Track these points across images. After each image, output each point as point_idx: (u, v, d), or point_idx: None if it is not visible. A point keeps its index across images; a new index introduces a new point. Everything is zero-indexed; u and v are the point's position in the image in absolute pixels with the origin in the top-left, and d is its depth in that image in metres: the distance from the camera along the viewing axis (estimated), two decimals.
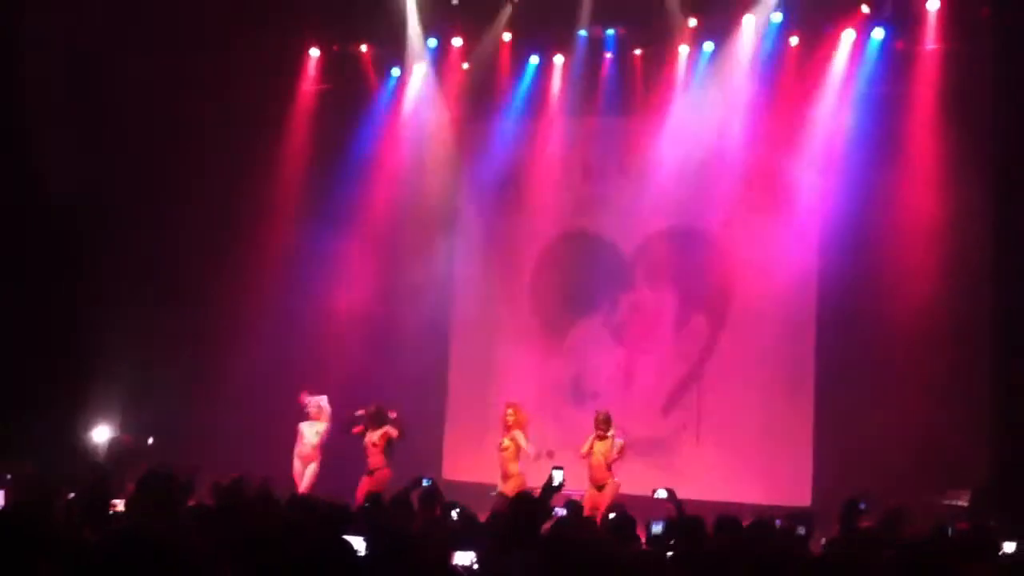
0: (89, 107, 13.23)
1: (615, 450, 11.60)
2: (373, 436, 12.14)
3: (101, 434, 13.53)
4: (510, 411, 12.05)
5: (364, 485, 11.88)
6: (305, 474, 12.42)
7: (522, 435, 11.81)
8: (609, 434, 11.65)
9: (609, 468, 11.54)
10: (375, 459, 12.10)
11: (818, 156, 13.46)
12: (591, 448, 11.67)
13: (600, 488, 11.45)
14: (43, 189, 12.79)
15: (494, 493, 11.00)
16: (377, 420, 12.14)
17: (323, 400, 12.56)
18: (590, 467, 11.61)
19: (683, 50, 14.11)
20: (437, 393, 14.84)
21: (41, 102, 12.71)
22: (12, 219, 12.74)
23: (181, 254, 14.09)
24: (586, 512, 9.86)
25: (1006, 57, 12.51)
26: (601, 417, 11.76)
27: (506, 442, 11.90)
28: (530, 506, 7.04)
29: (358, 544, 5.93)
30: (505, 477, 11.76)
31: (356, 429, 12.22)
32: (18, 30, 12.65)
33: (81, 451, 13.16)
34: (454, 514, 8.59)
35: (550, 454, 11.70)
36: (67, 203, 13.00)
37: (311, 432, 12.49)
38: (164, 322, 13.93)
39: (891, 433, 12.19)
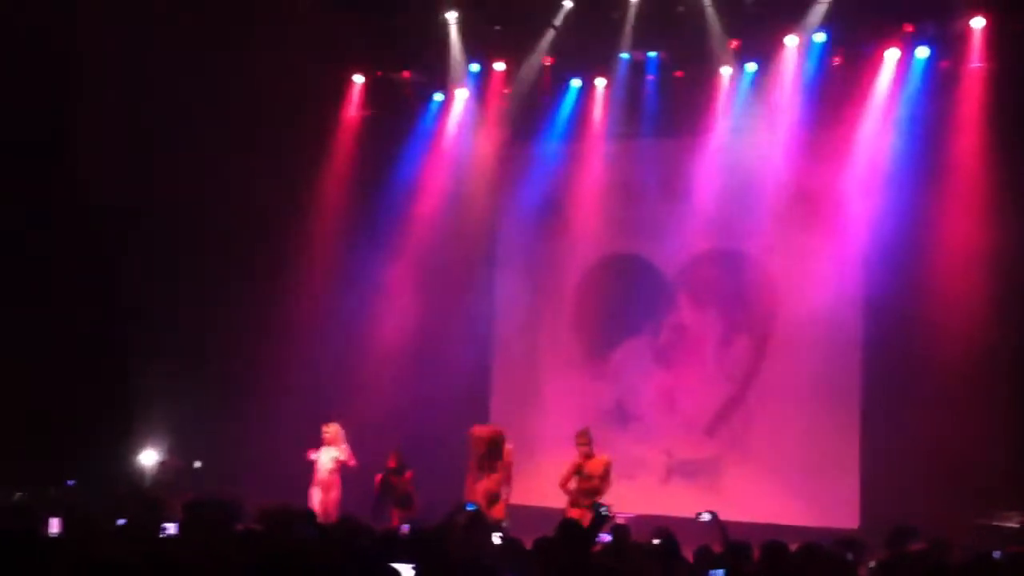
0: (134, 131, 13.37)
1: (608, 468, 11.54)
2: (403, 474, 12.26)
3: (148, 458, 13.65)
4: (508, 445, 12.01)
5: (396, 515, 11.95)
6: (327, 503, 12.33)
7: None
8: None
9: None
10: (404, 489, 12.23)
11: (863, 176, 13.39)
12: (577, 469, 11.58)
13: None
14: (89, 213, 12.97)
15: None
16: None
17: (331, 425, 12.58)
18: (580, 488, 11.47)
19: (725, 71, 14.08)
20: (479, 416, 14.79)
21: (94, 128, 12.92)
22: (60, 242, 12.92)
23: (226, 280, 14.21)
24: None
25: None
26: (586, 439, 11.64)
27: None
28: (579, 534, 7.06)
29: (406, 572, 5.96)
30: (494, 500, 11.76)
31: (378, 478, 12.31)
32: (70, 48, 12.85)
33: (129, 476, 13.29)
34: (496, 538, 8.60)
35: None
36: (113, 228, 13.18)
37: (327, 458, 12.47)
38: (210, 346, 14.08)
39: (939, 455, 12.07)
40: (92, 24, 12.82)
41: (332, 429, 12.52)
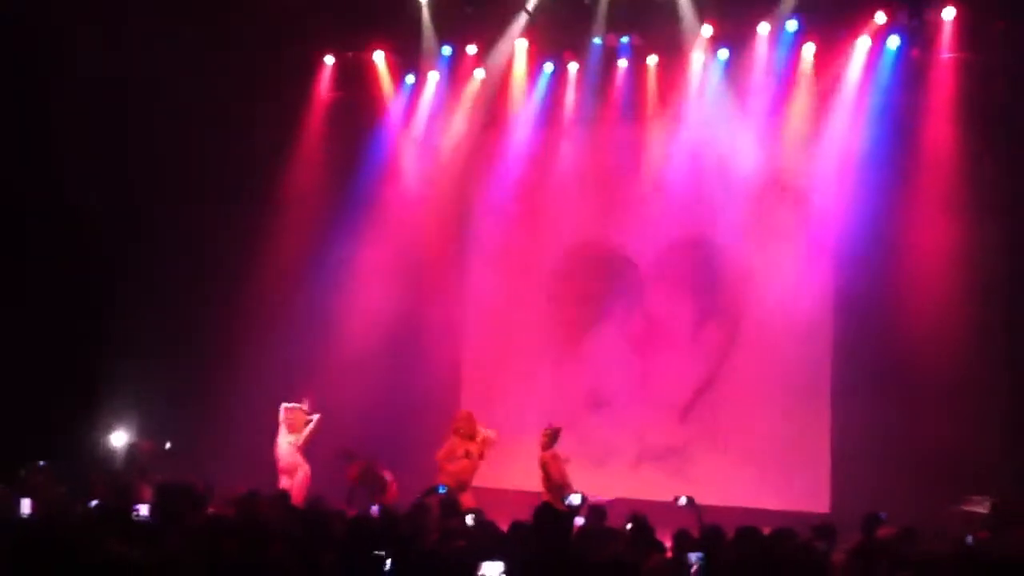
0: (102, 120, 13.21)
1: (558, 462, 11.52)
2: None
3: (118, 439, 13.54)
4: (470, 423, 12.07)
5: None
6: (293, 487, 12.19)
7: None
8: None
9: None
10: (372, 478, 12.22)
11: (834, 165, 13.43)
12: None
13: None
14: (66, 197, 12.84)
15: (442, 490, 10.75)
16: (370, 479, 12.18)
17: (289, 407, 12.49)
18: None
19: (698, 58, 14.08)
20: (451, 402, 14.81)
21: (66, 119, 12.75)
22: (35, 225, 12.79)
23: (198, 261, 14.10)
24: None
25: (1021, 70, 12.51)
26: (551, 432, 11.57)
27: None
28: (555, 518, 7.08)
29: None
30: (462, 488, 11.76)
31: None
32: (43, 45, 12.68)
33: (99, 457, 13.18)
34: (469, 520, 8.61)
35: (566, 461, 11.66)
36: (89, 211, 13.04)
37: (284, 443, 12.45)
38: (181, 327, 13.97)
39: (909, 440, 12.22)
40: (56, 11, 12.64)
41: (291, 413, 12.47)
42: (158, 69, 13.29)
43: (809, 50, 13.63)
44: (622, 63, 14.41)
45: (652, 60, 14.32)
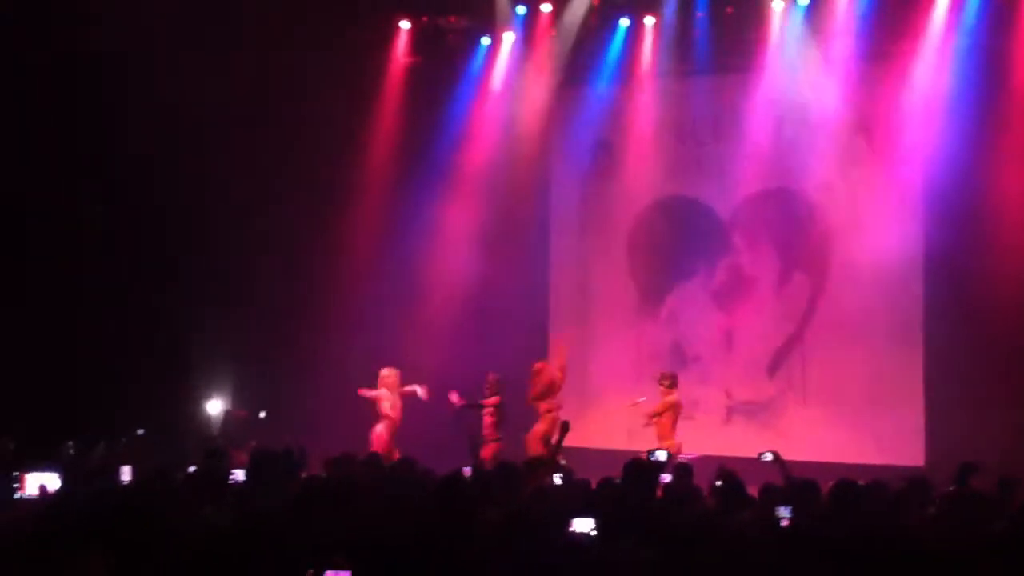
0: (185, 83, 13.37)
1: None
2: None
3: (214, 408, 13.83)
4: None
5: (488, 451, 12.01)
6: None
7: None
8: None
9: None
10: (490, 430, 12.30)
11: (920, 110, 13.12)
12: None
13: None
14: (150, 166, 13.08)
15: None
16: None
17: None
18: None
19: (777, 5, 13.86)
20: (537, 358, 14.85)
21: (149, 71, 12.94)
22: (123, 197, 13.05)
23: (287, 231, 14.28)
24: None
25: None
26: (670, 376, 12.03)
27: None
28: (643, 473, 7.08)
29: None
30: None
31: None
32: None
33: (195, 425, 13.48)
34: (557, 479, 8.65)
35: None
36: (175, 180, 13.27)
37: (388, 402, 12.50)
38: (272, 296, 14.20)
39: (1006, 391, 11.96)
40: None
41: (391, 375, 12.52)
42: (235, 40, 13.39)
43: None
44: (699, 14, 14.22)
45: (729, 9, 14.12)
